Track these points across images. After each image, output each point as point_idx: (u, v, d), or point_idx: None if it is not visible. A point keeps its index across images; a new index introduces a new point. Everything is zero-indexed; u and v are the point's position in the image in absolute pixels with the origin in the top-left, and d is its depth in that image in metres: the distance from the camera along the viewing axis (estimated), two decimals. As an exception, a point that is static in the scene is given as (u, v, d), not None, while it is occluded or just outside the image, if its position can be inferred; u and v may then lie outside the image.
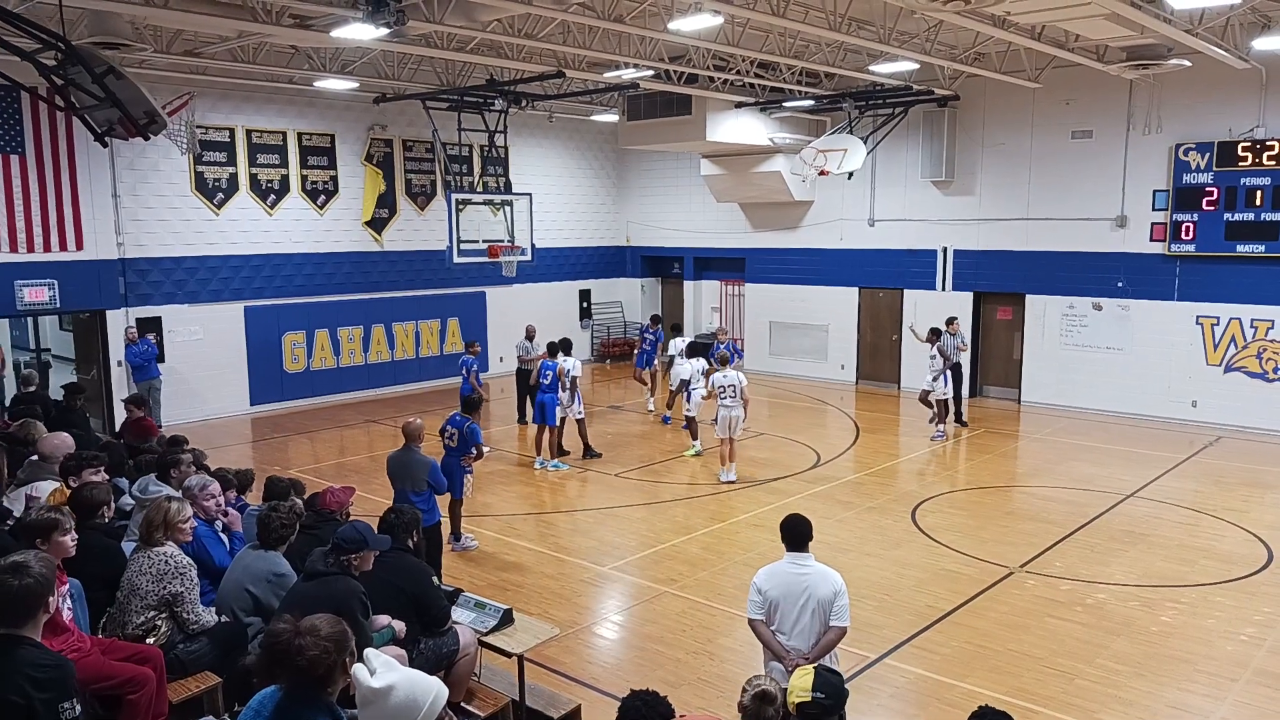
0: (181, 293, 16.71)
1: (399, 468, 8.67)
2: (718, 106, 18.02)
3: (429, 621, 5.75)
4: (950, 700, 6.85)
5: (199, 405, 16.73)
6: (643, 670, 7.30)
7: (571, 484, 12.99)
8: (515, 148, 21.00)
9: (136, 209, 16.04)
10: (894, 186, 19.32)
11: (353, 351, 18.96)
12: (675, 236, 23.59)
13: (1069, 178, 17.06)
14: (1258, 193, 15.07)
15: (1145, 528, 10.77)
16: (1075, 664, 7.40)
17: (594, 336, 24.01)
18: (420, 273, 20.13)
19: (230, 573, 5.68)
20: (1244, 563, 9.64)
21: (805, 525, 5.82)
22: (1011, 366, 18.36)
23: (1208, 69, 14.07)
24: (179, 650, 5.23)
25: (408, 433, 8.79)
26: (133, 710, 4.78)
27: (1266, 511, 11.41)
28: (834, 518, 11.24)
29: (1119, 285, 16.71)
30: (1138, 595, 8.80)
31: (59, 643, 4.68)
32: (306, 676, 3.40)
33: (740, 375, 12.69)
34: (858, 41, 12.66)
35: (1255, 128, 15.08)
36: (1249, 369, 15.58)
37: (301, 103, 17.91)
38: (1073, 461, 13.89)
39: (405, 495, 8.49)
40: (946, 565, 9.63)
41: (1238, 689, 7.03)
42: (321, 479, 12.48)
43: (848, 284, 20.31)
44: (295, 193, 18.10)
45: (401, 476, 8.63)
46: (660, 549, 10.22)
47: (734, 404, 12.50)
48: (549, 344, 14.20)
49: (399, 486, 8.62)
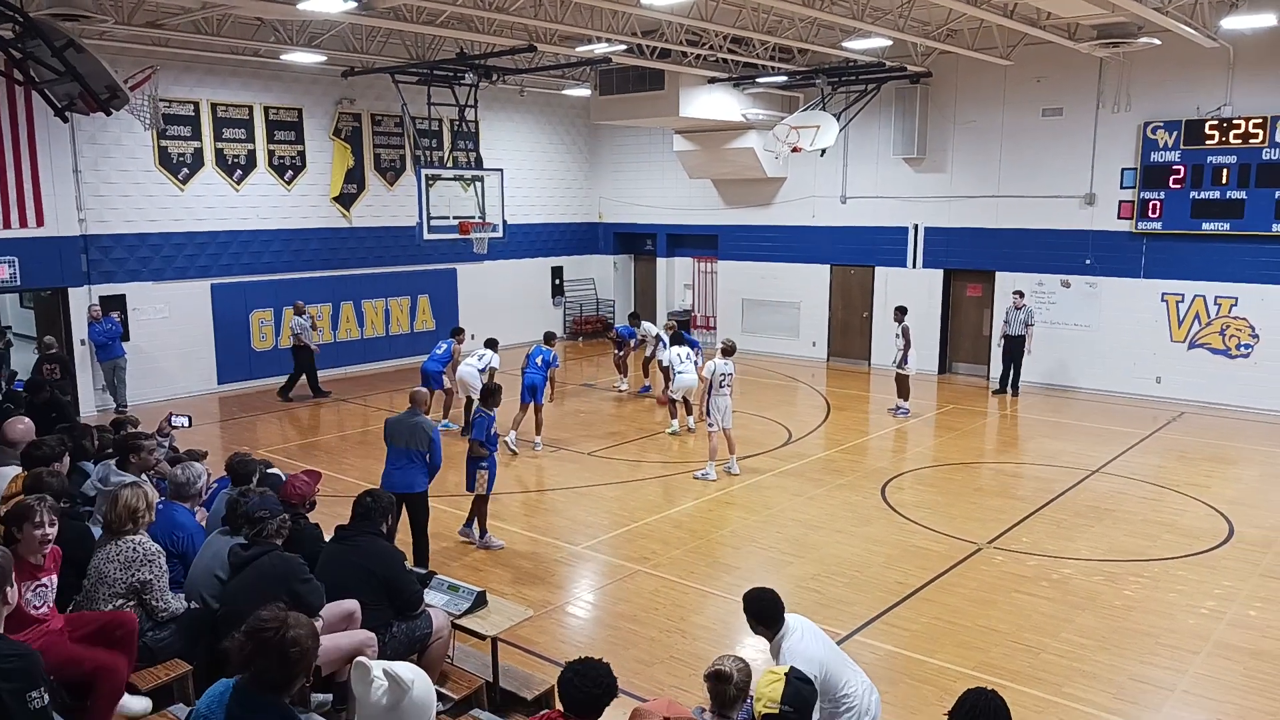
0: (146, 270, 16.44)
1: (402, 428, 8.65)
2: (691, 82, 17.92)
3: (401, 605, 5.74)
4: (920, 676, 6.95)
5: (165, 384, 16.51)
6: (616, 649, 7.34)
7: (545, 463, 12.99)
8: (486, 122, 20.79)
9: (99, 184, 15.72)
10: (866, 164, 19.35)
11: (321, 329, 18.77)
12: (648, 213, 23.51)
13: (1039, 155, 17.16)
14: (1224, 171, 15.25)
15: (1110, 503, 10.95)
16: (1041, 638, 7.53)
17: (566, 313, 23.93)
18: (389, 249, 19.93)
19: (199, 558, 5.62)
20: (1205, 537, 9.83)
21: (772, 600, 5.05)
22: (981, 343, 18.52)
23: (1177, 47, 14.17)
24: (148, 638, 5.18)
25: (415, 399, 8.88)
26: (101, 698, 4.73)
27: (1227, 486, 11.64)
28: (805, 495, 11.33)
29: (1087, 263, 16.88)
30: (1102, 570, 8.96)
31: (29, 633, 4.62)
32: (286, 670, 3.37)
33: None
34: (831, 17, 12.62)
35: (1222, 106, 15.23)
36: (1212, 345, 15.83)
37: (267, 76, 17.59)
38: (1040, 438, 14.07)
39: (401, 456, 8.53)
40: (916, 542, 9.74)
41: (1199, 661, 7.19)
42: (290, 459, 12.40)
43: (820, 261, 20.38)
44: (262, 168, 17.82)
45: (403, 436, 8.59)
46: (633, 528, 10.26)
47: (729, 394, 11.95)
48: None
49: (400, 445, 8.58)
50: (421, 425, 8.66)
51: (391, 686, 3.39)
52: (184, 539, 5.86)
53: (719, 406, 11.78)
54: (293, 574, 5.18)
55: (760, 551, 9.56)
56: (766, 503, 11.09)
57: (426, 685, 3.52)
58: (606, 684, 3.75)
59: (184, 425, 9.05)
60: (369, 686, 3.40)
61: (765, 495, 11.39)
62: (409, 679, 3.41)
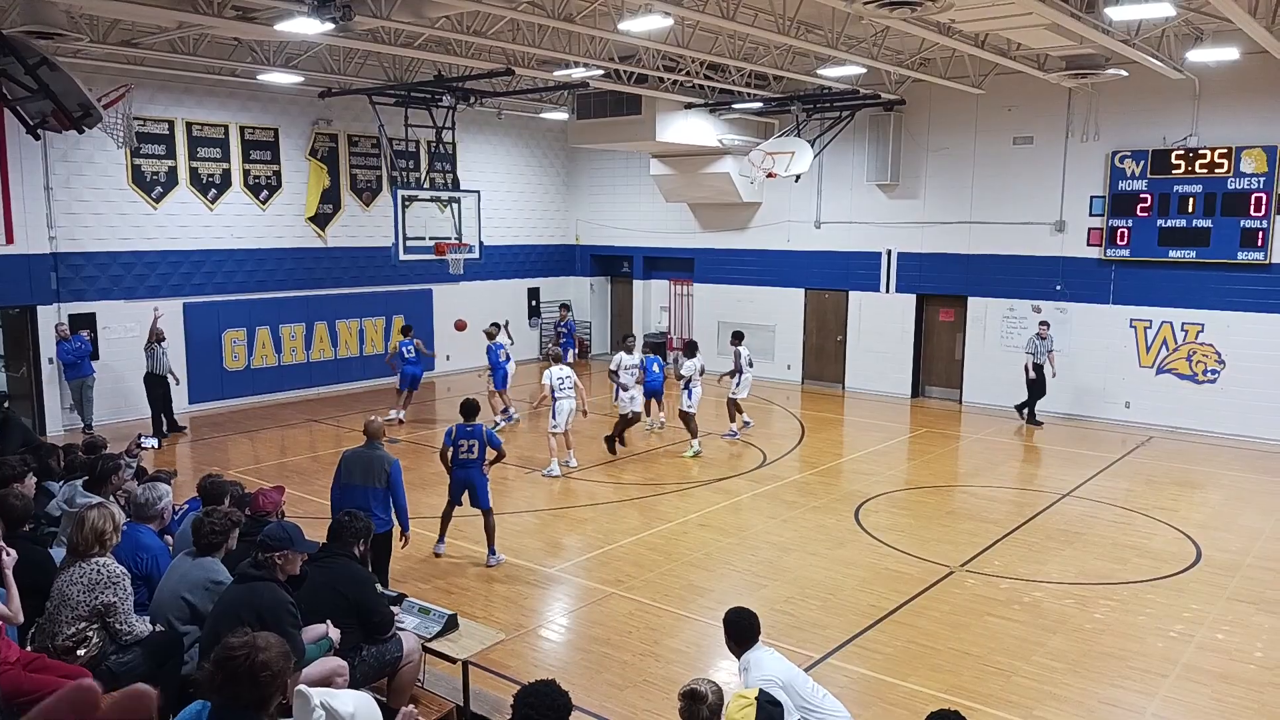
0: (117, 288, 16.28)
1: (360, 463, 8.19)
2: (667, 107, 18.07)
3: (371, 628, 5.69)
4: (892, 700, 6.96)
5: (135, 404, 16.30)
6: (589, 673, 7.30)
7: (520, 485, 12.93)
8: (463, 144, 20.82)
9: (70, 202, 15.59)
10: (840, 189, 19.54)
11: (295, 349, 18.64)
12: (625, 236, 23.60)
13: (1010, 182, 17.42)
14: (1190, 200, 15.53)
15: (1080, 526, 11.05)
16: (1013, 661, 7.57)
17: (542, 334, 23.92)
18: (365, 269, 19.87)
19: (166, 580, 5.55)
20: (1174, 560, 9.93)
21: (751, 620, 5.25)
22: (953, 367, 18.69)
23: (1144, 79, 14.46)
24: (111, 661, 5.09)
25: (370, 430, 8.44)
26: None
27: (1195, 510, 11.77)
28: (779, 517, 11.34)
29: (1057, 288, 17.10)
30: (1073, 593, 9.02)
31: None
32: (259, 693, 3.33)
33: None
34: (806, 45, 12.77)
35: (1188, 137, 15.53)
36: (1179, 371, 16.05)
37: (244, 95, 17.55)
38: (1012, 461, 14.19)
39: (358, 494, 8.01)
40: (889, 565, 9.78)
41: (1168, 684, 7.24)
42: (262, 480, 12.25)
43: (794, 285, 20.52)
44: (237, 187, 17.73)
45: (362, 472, 8.14)
46: (607, 550, 10.22)
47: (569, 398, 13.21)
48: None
49: (356, 483, 8.10)
50: (379, 458, 8.19)
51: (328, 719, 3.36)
52: (148, 560, 5.78)
53: (561, 410, 12.99)
54: (284, 617, 4.97)
55: (734, 574, 9.55)
56: (741, 525, 11.10)
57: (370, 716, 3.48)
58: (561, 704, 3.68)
59: (154, 447, 8.97)
60: (309, 716, 3.37)
61: (740, 518, 11.39)
62: (347, 713, 3.37)
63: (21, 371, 15.51)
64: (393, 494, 8.19)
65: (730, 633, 5.19)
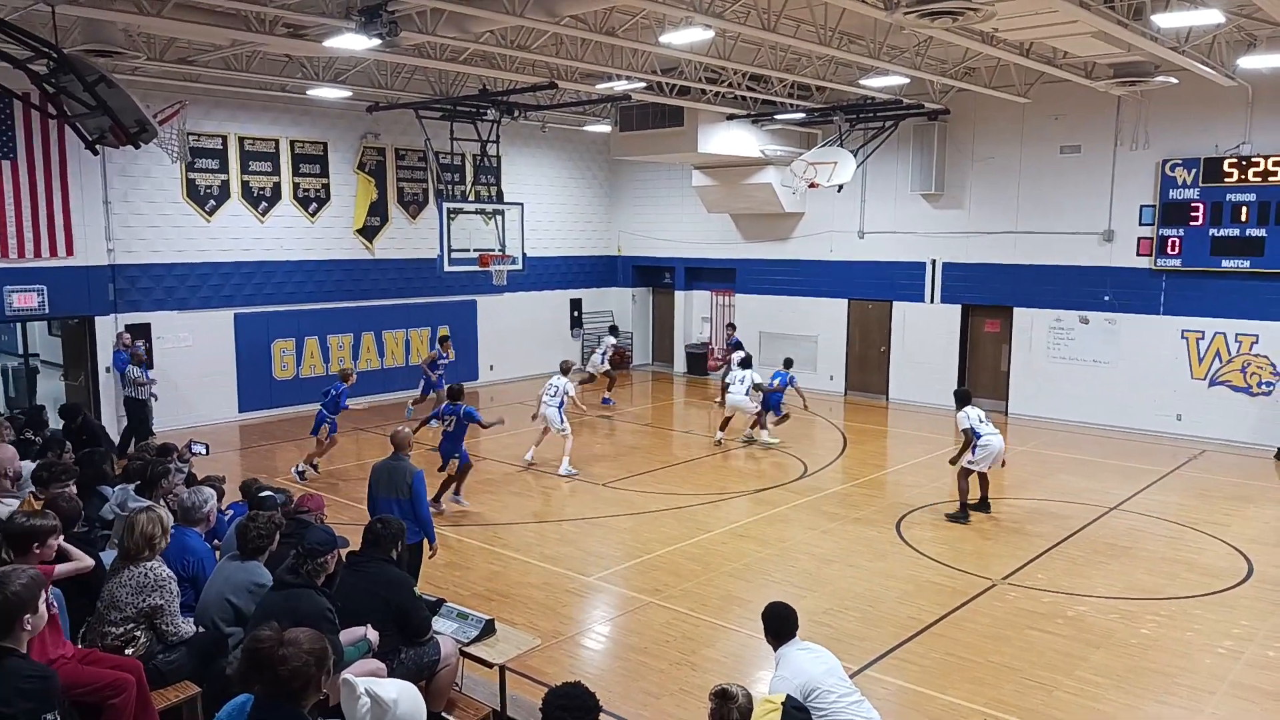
0: (171, 299, 16.71)
1: (385, 474, 8.42)
2: (709, 118, 18.11)
3: (410, 631, 5.77)
4: (930, 713, 6.89)
5: (187, 412, 16.71)
6: (625, 681, 7.33)
7: (559, 494, 13.02)
8: (508, 157, 21.08)
9: (127, 215, 16.06)
10: (883, 199, 19.43)
11: (342, 359, 18.94)
12: (666, 246, 23.66)
13: (1057, 192, 17.19)
14: (1243, 209, 15.21)
15: (1128, 540, 10.84)
16: (1055, 676, 7.46)
17: (584, 345, 24.04)
18: (411, 281, 20.16)
19: (211, 583, 5.70)
20: (1224, 576, 9.71)
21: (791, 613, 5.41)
22: (999, 379, 18.45)
23: (1194, 86, 14.21)
24: (158, 660, 5.25)
25: (396, 441, 8.65)
26: (114, 716, 4.79)
27: (1248, 525, 11.49)
28: (820, 529, 11.29)
29: (1105, 299, 16.82)
30: (1118, 608, 8.86)
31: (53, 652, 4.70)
32: (285, 687, 3.43)
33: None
34: (848, 56, 12.75)
35: (1241, 144, 15.23)
36: (1233, 383, 15.69)
37: (295, 110, 17.95)
38: (1058, 474, 13.96)
39: (386, 506, 8.14)
40: (930, 577, 9.68)
41: (1214, 701, 7.09)
42: (309, 488, 12.49)
43: (837, 295, 20.41)
44: (287, 200, 18.13)
45: (386, 484, 8.35)
46: (646, 559, 10.25)
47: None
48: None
49: (382, 495, 8.32)
50: (402, 469, 8.29)
51: (374, 706, 3.44)
52: (194, 563, 5.94)
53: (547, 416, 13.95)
54: (321, 623, 4.89)
55: (773, 585, 9.51)
56: (780, 536, 11.06)
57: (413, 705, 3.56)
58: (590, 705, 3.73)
59: (202, 453, 9.18)
60: (355, 704, 3.46)
61: (779, 529, 11.36)
62: (391, 699, 3.46)
63: (80, 379, 15.97)
64: (415, 505, 8.19)
65: (767, 626, 5.37)
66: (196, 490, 6.43)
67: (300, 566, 5.28)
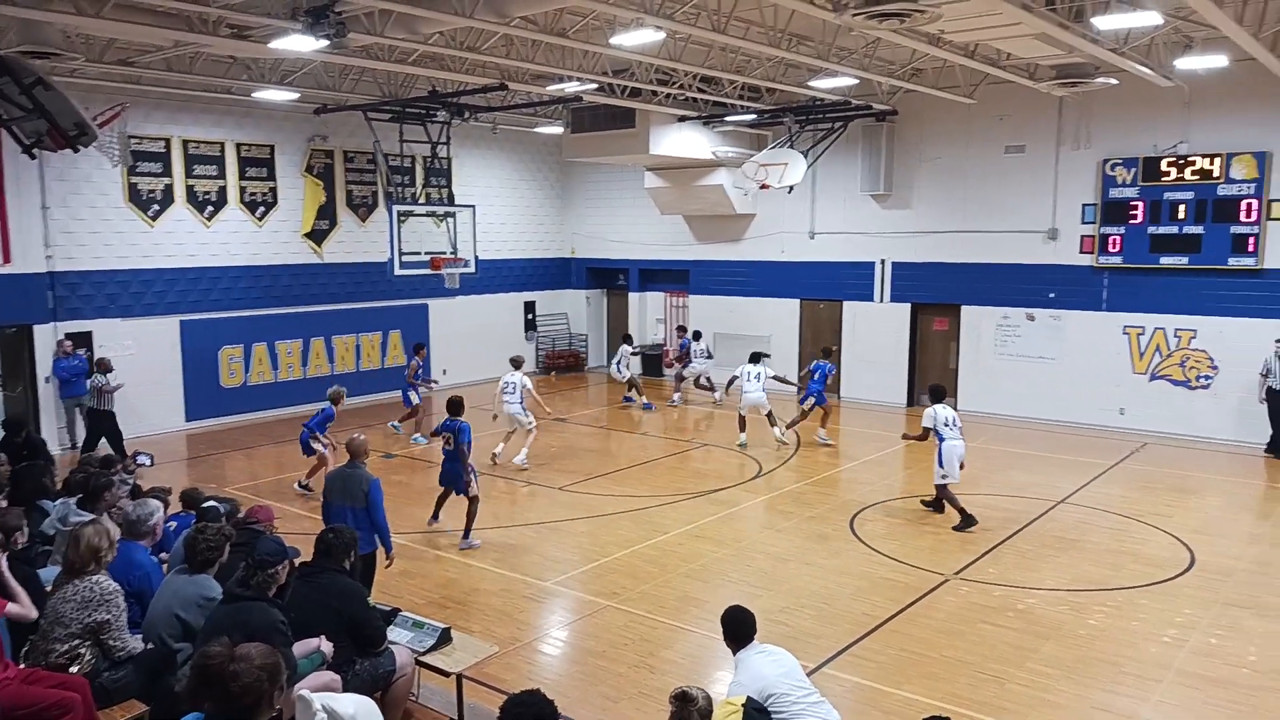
0: (114, 306, 16.32)
1: (340, 482, 8.24)
2: (661, 120, 18.15)
3: (364, 642, 5.70)
4: (886, 708, 6.97)
5: (133, 422, 16.25)
6: (583, 685, 7.31)
7: (515, 499, 12.95)
8: (458, 159, 20.91)
9: (67, 221, 15.65)
10: (833, 200, 19.63)
11: (291, 365, 18.67)
12: (620, 248, 23.67)
13: (1002, 191, 17.50)
14: (1180, 207, 15.62)
15: (1076, 533, 11.07)
16: (1007, 668, 7.58)
17: (539, 348, 23.97)
18: (361, 285, 19.92)
19: (158, 598, 5.57)
20: (1167, 566, 9.96)
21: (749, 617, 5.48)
22: (948, 376, 18.66)
23: (1134, 87, 14.55)
24: (104, 678, 5.11)
25: (353, 448, 8.38)
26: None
27: (1189, 516, 11.80)
28: (775, 528, 11.37)
29: (1050, 296, 17.16)
30: (1067, 600, 9.04)
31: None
32: (236, 704, 3.37)
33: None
34: (798, 57, 12.87)
35: (1179, 144, 15.63)
36: (1173, 377, 16.10)
37: (240, 113, 17.63)
38: (1007, 469, 14.21)
39: (340, 514, 7.98)
40: (884, 574, 9.80)
41: (1161, 689, 7.26)
42: (259, 497, 12.28)
43: (789, 296, 20.58)
44: (233, 204, 17.80)
45: (341, 491, 8.18)
46: (603, 562, 10.24)
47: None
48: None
49: (336, 503, 8.13)
50: (358, 477, 8.12)
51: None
52: (141, 577, 5.80)
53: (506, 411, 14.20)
54: (274, 636, 4.87)
55: (730, 585, 9.56)
56: (736, 536, 11.12)
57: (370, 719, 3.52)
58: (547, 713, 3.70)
59: (146, 464, 8.99)
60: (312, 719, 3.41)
61: (735, 528, 11.42)
62: (348, 714, 3.41)
63: (18, 390, 15.52)
64: (371, 514, 8.03)
65: (725, 631, 5.43)
66: (142, 503, 6.28)
67: (251, 578, 5.19)
